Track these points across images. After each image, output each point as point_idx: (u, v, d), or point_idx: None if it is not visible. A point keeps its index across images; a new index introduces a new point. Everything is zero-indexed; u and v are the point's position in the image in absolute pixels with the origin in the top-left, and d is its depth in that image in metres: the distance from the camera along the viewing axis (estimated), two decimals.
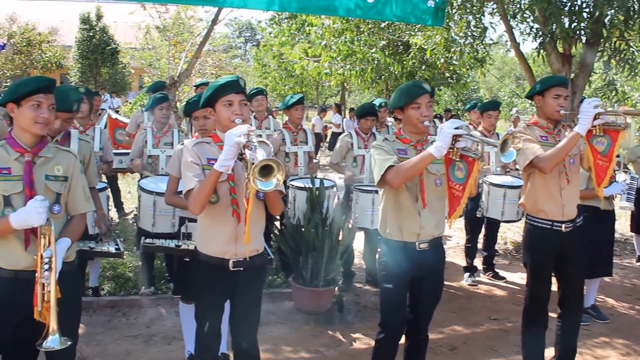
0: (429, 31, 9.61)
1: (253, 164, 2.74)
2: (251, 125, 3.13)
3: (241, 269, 3.29)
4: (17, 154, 2.98)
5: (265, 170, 2.73)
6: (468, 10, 8.03)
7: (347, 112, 21.32)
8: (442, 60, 9.73)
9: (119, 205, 8.68)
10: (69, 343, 2.82)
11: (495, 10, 8.40)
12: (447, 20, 7.88)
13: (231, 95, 3.19)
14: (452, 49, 8.85)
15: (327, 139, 20.45)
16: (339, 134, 15.24)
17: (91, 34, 26.44)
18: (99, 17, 26.91)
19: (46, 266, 2.82)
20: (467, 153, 3.48)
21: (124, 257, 5.28)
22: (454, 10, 8.12)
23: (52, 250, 2.85)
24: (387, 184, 3.54)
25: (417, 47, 10.90)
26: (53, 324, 2.80)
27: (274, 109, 19.11)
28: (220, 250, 3.27)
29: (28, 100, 2.93)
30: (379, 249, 6.57)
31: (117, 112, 13.69)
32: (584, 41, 7.47)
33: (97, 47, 26.41)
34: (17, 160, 2.98)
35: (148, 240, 4.07)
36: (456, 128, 3.34)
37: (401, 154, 3.62)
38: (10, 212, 2.89)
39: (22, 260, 2.97)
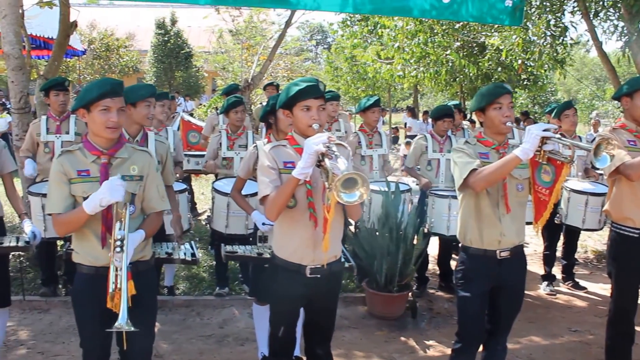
0: (505, 32, 9.36)
1: (334, 173, 2.71)
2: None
3: (318, 275, 3.22)
4: (93, 156, 3.07)
5: (349, 183, 2.69)
6: (547, 9, 7.77)
7: (420, 114, 21.06)
8: (519, 61, 9.45)
9: (192, 206, 8.83)
10: (133, 329, 2.80)
11: (576, 9, 8.11)
12: (525, 20, 7.64)
13: (310, 100, 3.11)
14: (530, 50, 8.58)
15: (398, 142, 20.29)
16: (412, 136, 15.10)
17: (166, 38, 27.16)
18: (174, 22, 27.60)
19: (118, 243, 2.86)
20: (555, 156, 3.36)
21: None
22: (533, 10, 7.88)
23: (124, 232, 2.89)
24: (470, 188, 3.45)
25: (494, 48, 10.63)
26: (123, 305, 2.80)
27: (347, 112, 19.05)
28: (298, 255, 3.20)
29: (96, 105, 2.98)
30: (453, 255, 6.55)
31: (191, 114, 13.95)
32: None
33: (172, 51, 27.10)
34: (95, 163, 3.07)
35: (229, 249, 4.08)
36: (544, 130, 3.22)
37: (483, 157, 3.52)
38: None
39: (100, 257, 3.05)
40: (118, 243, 2.86)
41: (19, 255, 5.89)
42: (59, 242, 5.81)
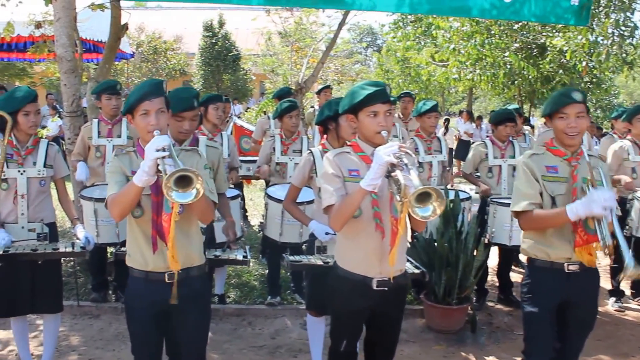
0: (569, 32, 8.96)
1: (407, 185, 2.58)
2: None
3: (385, 288, 3.08)
4: (142, 160, 2.98)
5: (422, 196, 2.58)
6: (616, 7, 7.38)
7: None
8: (583, 63, 9.02)
9: (244, 213, 8.66)
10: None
11: None
12: (591, 19, 7.27)
13: (377, 105, 2.97)
14: (597, 51, 8.16)
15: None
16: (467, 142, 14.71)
17: (214, 41, 26.87)
18: (222, 24, 27.34)
19: (166, 153, 2.73)
20: None
21: (250, 265, 5.21)
22: (600, 9, 7.50)
23: (169, 139, 2.80)
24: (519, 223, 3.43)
25: (556, 49, 10.21)
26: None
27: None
28: (363, 267, 3.08)
29: (137, 110, 2.97)
30: (513, 266, 6.26)
31: (239, 118, 13.89)
32: None
33: (220, 54, 26.76)
34: None
35: (292, 259, 3.94)
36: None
37: (550, 171, 3.35)
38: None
39: (151, 261, 3.04)
40: (166, 153, 2.73)
41: (71, 260, 5.86)
42: (109, 249, 5.75)
